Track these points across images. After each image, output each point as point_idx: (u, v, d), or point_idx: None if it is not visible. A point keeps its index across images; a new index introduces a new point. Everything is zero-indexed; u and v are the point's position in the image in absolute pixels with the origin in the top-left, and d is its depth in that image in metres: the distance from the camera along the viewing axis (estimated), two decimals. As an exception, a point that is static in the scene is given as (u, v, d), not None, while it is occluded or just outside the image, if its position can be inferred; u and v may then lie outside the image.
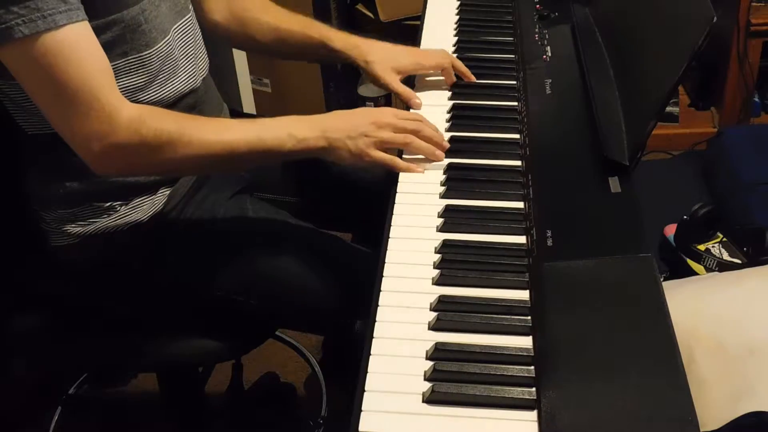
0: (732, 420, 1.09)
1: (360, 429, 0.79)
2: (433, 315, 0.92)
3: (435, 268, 0.99)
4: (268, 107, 2.61)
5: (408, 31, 2.32)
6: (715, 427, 1.09)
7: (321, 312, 1.23)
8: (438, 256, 1.01)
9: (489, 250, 1.02)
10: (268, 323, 1.33)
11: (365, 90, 2.57)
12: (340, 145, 1.13)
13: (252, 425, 1.75)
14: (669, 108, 2.60)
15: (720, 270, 1.98)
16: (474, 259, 1.00)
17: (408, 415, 0.81)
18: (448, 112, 1.30)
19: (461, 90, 1.37)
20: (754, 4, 2.43)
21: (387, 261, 1.00)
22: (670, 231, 2.13)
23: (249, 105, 2.55)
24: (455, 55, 1.46)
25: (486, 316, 0.91)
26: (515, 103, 1.32)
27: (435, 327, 0.91)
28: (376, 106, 2.53)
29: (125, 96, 1.05)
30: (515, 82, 1.37)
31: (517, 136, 1.23)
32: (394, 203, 1.10)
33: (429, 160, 1.17)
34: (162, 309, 1.26)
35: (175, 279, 1.22)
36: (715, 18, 0.99)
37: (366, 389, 0.83)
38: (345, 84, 2.69)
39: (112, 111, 1.01)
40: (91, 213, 1.18)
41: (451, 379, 0.84)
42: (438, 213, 1.08)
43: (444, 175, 1.15)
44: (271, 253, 1.23)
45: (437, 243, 1.03)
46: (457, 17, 1.60)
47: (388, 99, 2.57)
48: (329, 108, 2.16)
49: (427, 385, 0.83)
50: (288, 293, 1.22)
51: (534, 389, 0.82)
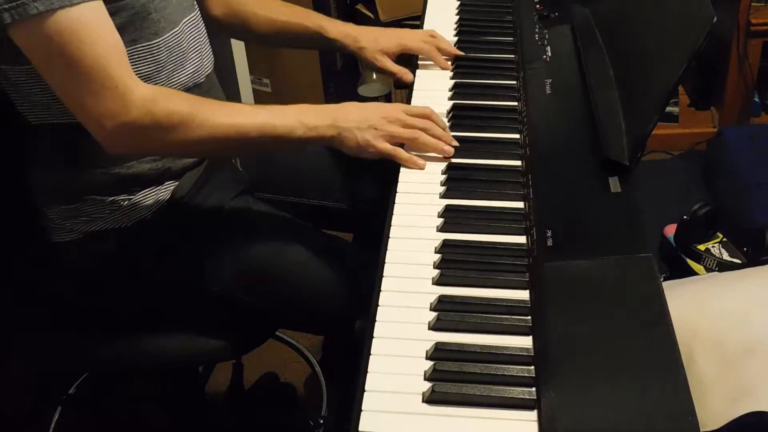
0: (732, 420, 1.09)
1: (360, 429, 0.79)
2: (433, 315, 0.92)
3: (435, 267, 0.99)
4: (268, 107, 2.61)
5: (408, 31, 2.32)
6: (715, 427, 1.09)
7: (321, 312, 1.23)
8: (438, 256, 1.01)
9: (489, 250, 1.02)
10: (268, 323, 1.33)
11: (365, 90, 2.57)
12: (348, 135, 1.14)
13: (252, 425, 1.75)
14: (669, 108, 2.60)
15: (720, 270, 1.98)
16: (474, 259, 1.00)
17: (408, 415, 0.81)
18: (448, 112, 1.30)
19: (461, 90, 1.37)
20: (754, 4, 2.43)
21: (387, 261, 1.00)
22: (670, 231, 2.13)
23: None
24: (442, 59, 1.46)
25: (486, 315, 0.91)
26: (515, 103, 1.32)
27: (435, 327, 0.91)
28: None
29: None
30: (515, 82, 1.37)
31: (517, 136, 1.23)
32: (394, 203, 1.10)
33: (432, 159, 1.17)
34: (163, 308, 1.26)
35: (177, 277, 1.22)
36: (715, 18, 0.99)
37: (366, 389, 0.83)
38: (345, 84, 2.69)
39: (125, 90, 1.02)
40: (94, 209, 1.18)
41: (451, 379, 0.84)
42: (438, 213, 1.08)
43: (444, 175, 1.15)
44: (272, 253, 1.23)
45: (437, 243, 1.03)
46: (457, 17, 1.60)
47: (387, 99, 2.57)
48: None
49: (427, 385, 0.83)
50: (288, 293, 1.22)
51: (534, 389, 0.82)
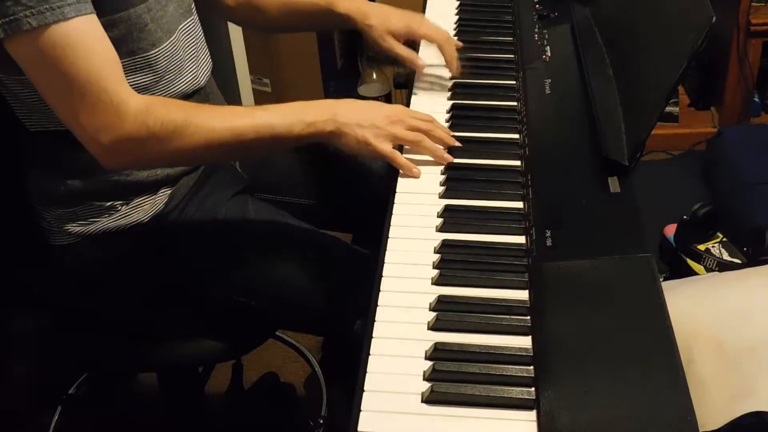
0: (732, 420, 1.09)
1: (360, 429, 0.79)
2: (433, 315, 0.92)
3: (434, 268, 0.99)
4: (268, 107, 2.61)
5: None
6: (715, 427, 1.09)
7: (320, 312, 1.23)
8: (437, 256, 1.01)
9: (488, 250, 1.02)
10: (268, 323, 1.33)
11: (365, 90, 2.57)
12: (348, 131, 1.12)
13: (252, 425, 1.75)
14: (669, 108, 2.59)
15: (720, 270, 1.98)
16: (473, 259, 1.00)
17: (407, 415, 0.81)
18: (447, 112, 1.30)
19: (461, 90, 1.36)
20: (754, 4, 2.43)
21: (386, 261, 1.00)
22: (670, 231, 2.13)
23: (249, 105, 2.55)
24: (455, 55, 1.46)
25: (485, 316, 0.91)
26: (515, 103, 1.32)
27: (434, 327, 0.91)
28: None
29: None
30: (515, 82, 1.37)
31: (517, 136, 1.23)
32: (393, 203, 1.10)
33: (431, 163, 1.17)
34: (162, 309, 1.26)
35: (175, 279, 1.22)
36: (715, 18, 0.99)
37: (366, 389, 0.83)
38: (345, 84, 2.70)
39: (120, 103, 1.01)
40: (92, 212, 1.18)
41: (451, 379, 0.84)
42: (437, 213, 1.08)
43: (443, 175, 1.15)
44: (272, 254, 1.23)
45: (437, 243, 1.03)
46: (457, 17, 1.60)
47: (387, 99, 2.57)
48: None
49: (427, 385, 0.83)
50: (288, 293, 1.22)
51: (533, 389, 0.82)
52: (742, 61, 2.48)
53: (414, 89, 1.37)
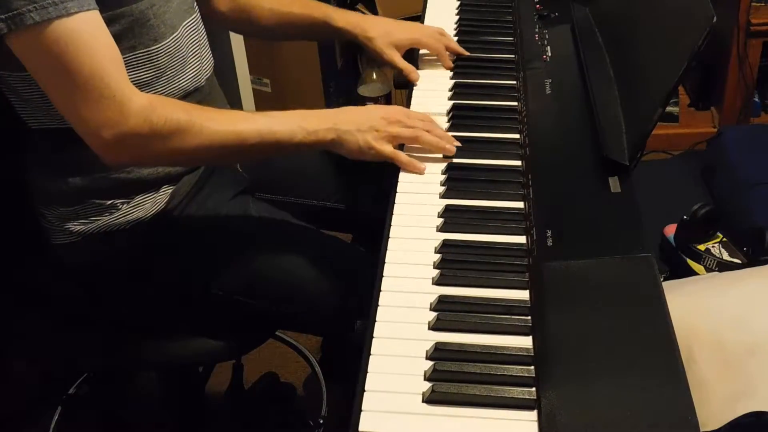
0: (732, 420, 1.09)
1: (360, 429, 0.79)
2: (433, 315, 0.92)
3: (435, 268, 0.99)
4: (268, 107, 2.61)
5: (408, 31, 2.32)
6: (715, 427, 1.09)
7: (321, 312, 1.23)
8: (438, 256, 1.01)
9: (489, 250, 1.02)
10: (268, 323, 1.33)
11: (365, 90, 2.57)
12: (349, 138, 1.13)
13: (252, 425, 1.75)
14: (669, 108, 2.59)
15: (720, 270, 1.98)
16: (474, 259, 1.00)
17: (408, 415, 0.81)
18: (448, 112, 1.30)
19: (461, 90, 1.37)
20: (754, 4, 2.43)
21: (387, 261, 1.00)
22: (670, 231, 2.12)
23: (249, 105, 2.55)
24: (455, 55, 1.46)
25: (486, 316, 0.91)
26: (515, 103, 1.32)
27: (435, 327, 0.91)
28: (376, 106, 2.52)
29: None
30: (515, 82, 1.37)
31: (517, 136, 1.23)
32: (394, 203, 1.10)
33: (432, 159, 1.17)
34: (163, 309, 1.26)
35: (176, 278, 1.22)
36: (715, 18, 0.99)
37: (366, 389, 0.83)
38: (345, 84, 2.69)
39: (122, 99, 1.01)
40: (93, 211, 1.18)
41: (451, 379, 0.84)
42: (438, 213, 1.08)
43: (444, 175, 1.15)
44: (272, 254, 1.23)
45: (437, 243, 1.03)
46: (457, 17, 1.60)
47: (388, 99, 2.57)
48: (329, 108, 2.16)
49: (427, 385, 0.83)
50: (288, 294, 1.22)
51: (534, 389, 0.82)
52: (742, 61, 2.48)
53: (414, 89, 1.37)
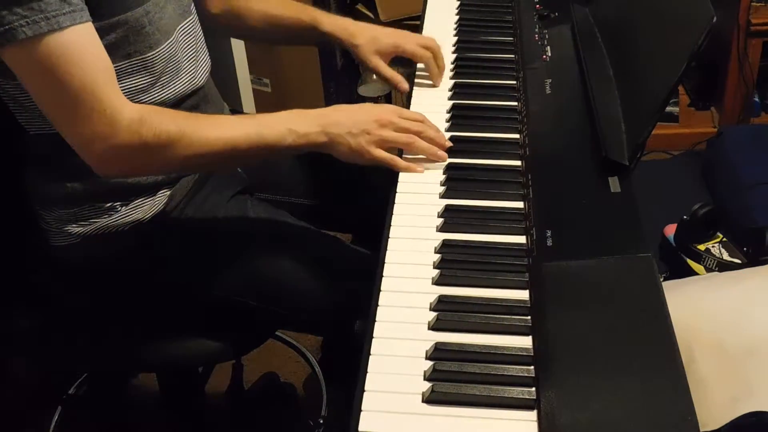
0: (732, 420, 1.09)
1: (360, 429, 0.79)
2: (433, 315, 0.92)
3: (435, 268, 0.99)
4: (267, 107, 2.58)
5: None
6: (715, 427, 1.09)
7: (320, 312, 1.23)
8: (438, 256, 1.01)
9: (489, 250, 1.02)
10: (267, 323, 1.33)
11: (365, 90, 2.56)
12: (340, 141, 1.12)
13: (252, 425, 1.75)
14: (669, 108, 2.60)
15: (720, 270, 1.98)
16: (474, 259, 1.00)
17: (408, 415, 0.81)
18: (448, 112, 1.30)
19: (461, 90, 1.37)
20: (754, 4, 2.43)
21: (387, 261, 1.00)
22: (670, 231, 2.13)
23: (249, 105, 2.55)
24: (455, 55, 1.46)
25: (486, 316, 0.91)
26: (515, 103, 1.32)
27: (435, 327, 0.91)
28: (376, 106, 2.52)
29: (128, 97, 1.05)
30: (515, 82, 1.37)
31: (517, 136, 1.23)
32: (393, 203, 1.10)
33: (429, 160, 1.17)
34: (162, 309, 1.26)
35: (175, 279, 1.22)
36: (715, 18, 0.99)
37: (366, 389, 0.83)
38: (345, 84, 2.69)
39: (113, 113, 1.01)
40: (92, 213, 1.18)
41: (451, 379, 0.84)
42: (438, 213, 1.08)
43: (444, 175, 1.15)
44: (271, 254, 1.23)
45: (437, 243, 1.03)
46: (457, 17, 1.60)
47: (388, 99, 2.57)
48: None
49: (427, 385, 0.83)
50: (288, 294, 1.22)
51: (534, 389, 0.82)
52: (742, 61, 2.48)
53: (414, 89, 1.37)
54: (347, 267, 1.24)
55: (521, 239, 1.03)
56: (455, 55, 1.46)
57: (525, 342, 0.89)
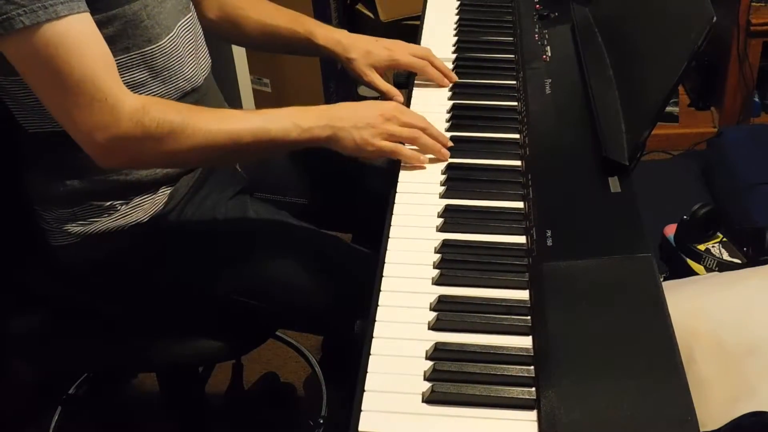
0: (732, 420, 1.09)
1: (360, 429, 0.79)
2: (433, 315, 0.92)
3: (435, 268, 0.99)
4: (267, 107, 2.60)
5: (408, 31, 2.32)
6: (715, 427, 1.09)
7: (320, 312, 1.23)
8: (438, 256, 1.01)
9: (489, 250, 1.02)
10: (268, 323, 1.33)
11: (365, 90, 2.57)
12: (345, 135, 1.12)
13: (252, 425, 1.75)
14: (669, 108, 2.60)
15: (720, 270, 1.98)
16: (474, 259, 1.00)
17: (408, 415, 0.81)
18: (448, 112, 1.30)
19: (461, 90, 1.37)
20: (754, 4, 2.43)
21: (387, 261, 1.00)
22: (670, 231, 2.12)
23: (249, 105, 2.55)
24: (455, 55, 1.46)
25: (486, 315, 0.91)
26: (515, 103, 1.32)
27: (435, 327, 0.91)
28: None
29: None
30: (515, 82, 1.37)
31: (517, 136, 1.23)
32: (393, 203, 1.10)
33: (430, 163, 1.17)
34: (162, 309, 1.26)
35: (175, 279, 1.22)
36: (715, 18, 0.99)
37: (366, 389, 0.83)
38: (345, 84, 2.70)
39: (115, 102, 1.01)
40: (92, 212, 1.18)
41: (451, 379, 0.83)
42: (438, 213, 1.08)
43: (444, 175, 1.15)
44: (271, 254, 1.23)
45: (437, 243, 1.03)
46: (457, 17, 1.60)
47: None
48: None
49: (427, 385, 0.83)
50: (288, 294, 1.22)
51: (534, 389, 0.82)
52: (742, 61, 2.48)
53: (414, 89, 1.37)
54: (347, 267, 1.24)
55: (521, 239, 1.03)
56: (455, 55, 1.46)
57: (525, 342, 0.88)
